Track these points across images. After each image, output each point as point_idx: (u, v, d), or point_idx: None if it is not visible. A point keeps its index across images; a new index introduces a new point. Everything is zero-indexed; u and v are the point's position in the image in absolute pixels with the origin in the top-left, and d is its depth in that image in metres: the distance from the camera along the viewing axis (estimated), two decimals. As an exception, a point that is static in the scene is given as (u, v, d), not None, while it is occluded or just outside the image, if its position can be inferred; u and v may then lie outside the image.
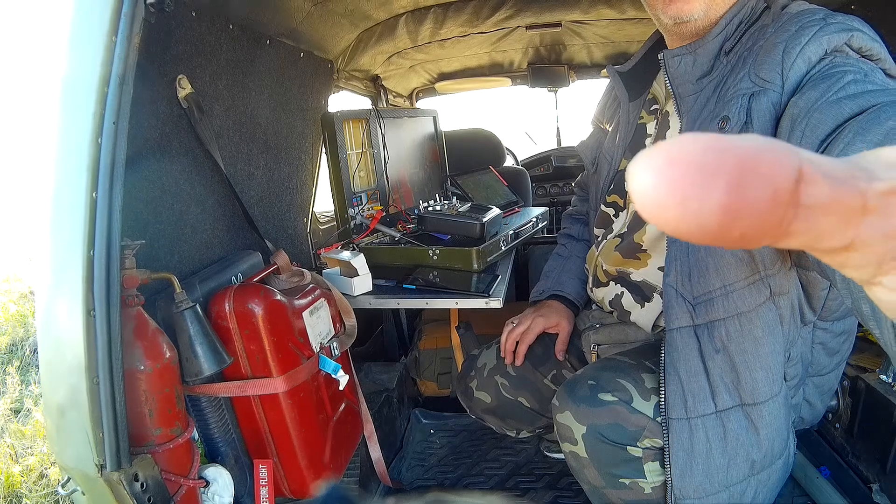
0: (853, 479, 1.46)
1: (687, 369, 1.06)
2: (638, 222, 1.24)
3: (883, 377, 1.43)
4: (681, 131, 1.11)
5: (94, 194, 0.81)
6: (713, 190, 0.21)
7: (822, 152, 0.73)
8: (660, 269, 1.18)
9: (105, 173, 0.81)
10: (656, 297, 1.21)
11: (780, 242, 0.23)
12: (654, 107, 1.27)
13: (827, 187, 0.22)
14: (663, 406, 1.08)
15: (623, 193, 1.31)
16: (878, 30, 0.92)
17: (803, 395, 1.20)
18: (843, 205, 0.22)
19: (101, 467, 0.82)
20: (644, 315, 1.26)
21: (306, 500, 1.28)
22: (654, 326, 1.26)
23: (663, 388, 1.08)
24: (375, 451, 1.63)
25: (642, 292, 1.25)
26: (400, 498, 1.68)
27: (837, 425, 1.55)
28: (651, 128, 1.26)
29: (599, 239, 1.36)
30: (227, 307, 1.13)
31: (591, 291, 1.41)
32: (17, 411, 3.09)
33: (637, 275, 1.25)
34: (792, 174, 0.21)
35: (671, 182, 0.21)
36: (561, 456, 1.83)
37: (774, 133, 0.91)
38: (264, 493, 1.20)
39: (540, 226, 2.03)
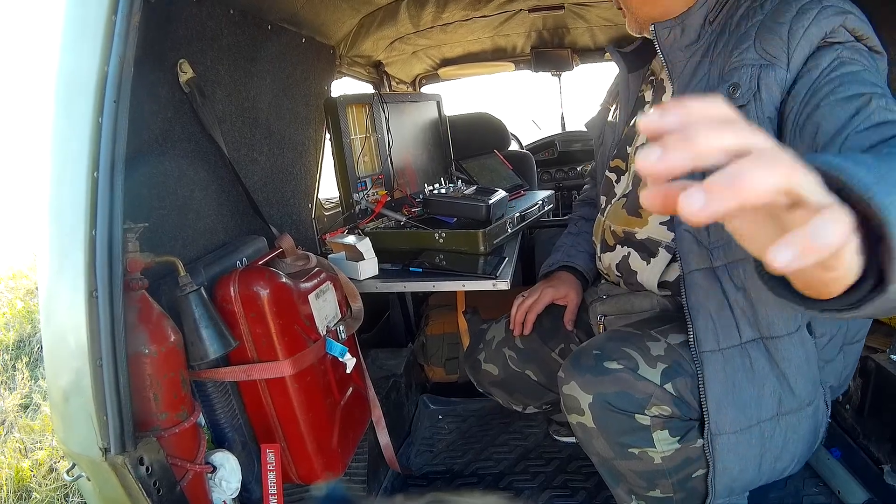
0: (864, 461, 1.44)
1: (716, 302, 1.09)
2: (640, 180, 1.26)
3: (894, 357, 1.42)
4: (673, 95, 1.19)
5: (95, 174, 0.79)
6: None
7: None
8: (661, 223, 1.21)
9: (106, 153, 0.80)
10: (661, 250, 1.23)
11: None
12: (652, 78, 1.34)
13: None
14: (692, 342, 1.10)
15: (625, 156, 1.34)
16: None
17: (842, 360, 1.21)
18: None
19: (106, 451, 0.81)
20: (650, 271, 1.27)
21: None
22: (661, 285, 1.26)
23: (691, 327, 1.10)
24: (384, 437, 1.63)
25: (648, 249, 1.26)
26: (401, 498, 1.68)
27: (848, 406, 1.53)
28: (648, 96, 1.33)
29: (604, 205, 1.38)
30: (231, 290, 1.12)
31: (599, 260, 1.42)
32: (25, 406, 3.11)
33: (642, 233, 1.26)
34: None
35: None
36: (570, 440, 1.84)
37: (778, 106, 1.01)
38: (272, 478, 1.20)
39: (546, 208, 2.01)
